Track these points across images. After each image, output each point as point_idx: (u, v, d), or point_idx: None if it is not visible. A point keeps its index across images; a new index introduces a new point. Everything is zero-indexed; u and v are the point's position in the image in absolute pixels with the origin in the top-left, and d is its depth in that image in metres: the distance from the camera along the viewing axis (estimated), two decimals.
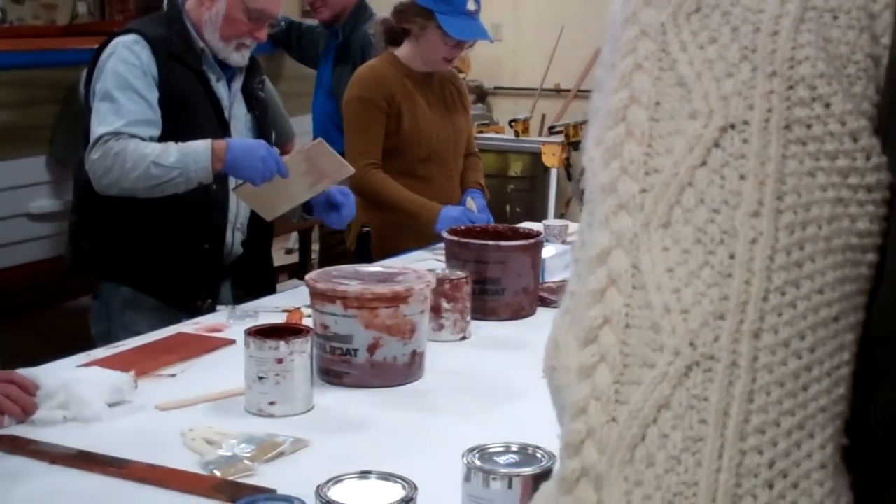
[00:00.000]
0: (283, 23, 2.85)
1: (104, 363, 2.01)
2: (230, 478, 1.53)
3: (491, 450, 1.34)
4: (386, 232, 3.20)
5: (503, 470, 1.28)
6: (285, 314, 2.41)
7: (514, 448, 1.35)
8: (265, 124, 2.91)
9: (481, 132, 6.31)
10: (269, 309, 2.47)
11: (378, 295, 1.94)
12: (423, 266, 2.85)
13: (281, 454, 1.63)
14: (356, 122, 3.19)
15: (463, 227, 2.57)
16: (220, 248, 2.78)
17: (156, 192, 2.56)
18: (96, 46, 2.66)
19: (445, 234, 2.48)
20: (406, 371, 1.99)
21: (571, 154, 6.38)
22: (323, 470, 1.34)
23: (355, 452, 1.67)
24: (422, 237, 3.09)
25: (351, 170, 2.80)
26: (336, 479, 1.26)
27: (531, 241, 2.42)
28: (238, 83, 2.81)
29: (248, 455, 1.61)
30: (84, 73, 3.56)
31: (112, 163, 2.52)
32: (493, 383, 2.02)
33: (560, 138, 6.23)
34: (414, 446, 1.71)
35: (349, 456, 1.65)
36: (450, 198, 3.23)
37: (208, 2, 2.71)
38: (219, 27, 2.70)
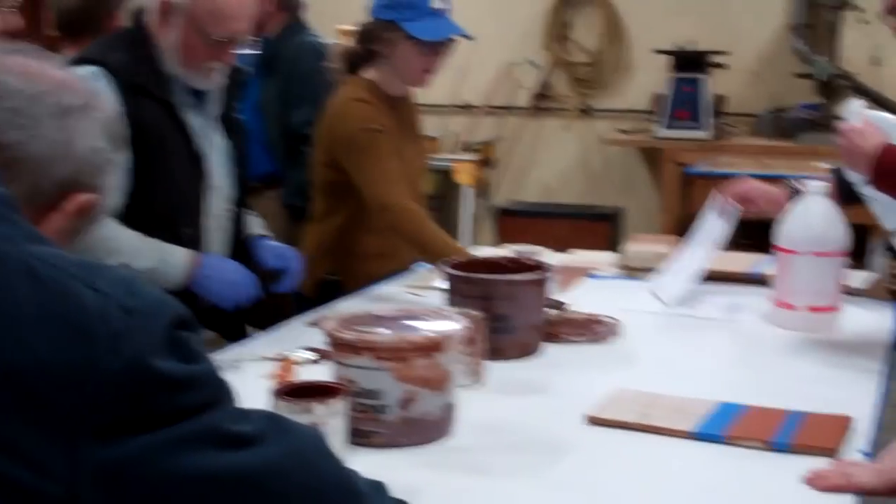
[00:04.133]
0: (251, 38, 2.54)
1: None
2: None
3: None
4: (362, 282, 2.90)
5: None
6: (270, 363, 2.19)
7: None
8: (243, 153, 2.63)
9: None
10: (251, 357, 2.24)
11: (415, 344, 1.75)
12: (398, 301, 2.68)
13: None
14: (373, 152, 2.84)
15: (461, 260, 2.39)
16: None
17: None
18: None
19: (447, 269, 2.29)
20: (440, 427, 1.80)
21: (485, 172, 6.25)
22: None
23: None
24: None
25: None
26: None
27: (542, 274, 2.26)
28: (214, 109, 2.54)
29: None
30: None
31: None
32: (531, 435, 1.84)
33: (474, 156, 6.10)
34: None
35: None
36: None
37: (165, 25, 2.40)
38: (179, 55, 2.41)
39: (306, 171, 3.51)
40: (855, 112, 2.29)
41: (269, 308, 2.63)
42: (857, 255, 4.33)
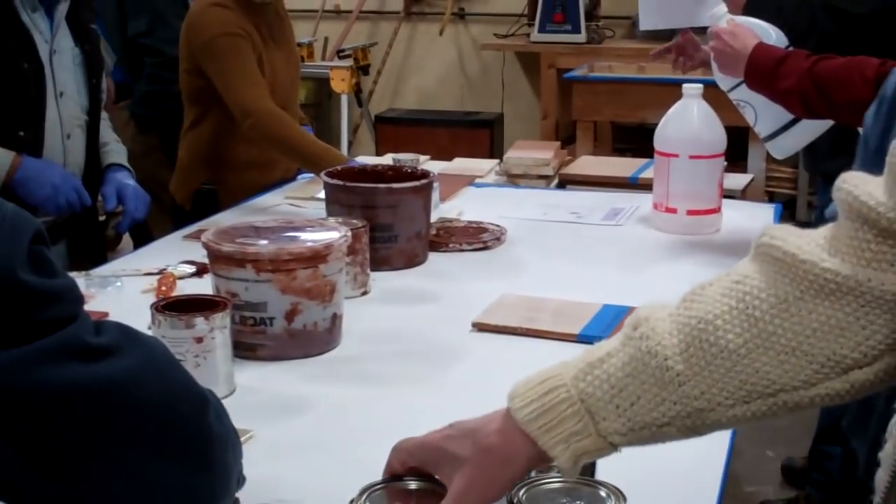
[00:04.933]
0: None
1: None
2: None
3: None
4: (238, 193, 2.83)
5: None
6: (149, 277, 2.13)
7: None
8: (96, 61, 2.52)
9: None
10: (130, 273, 2.18)
11: (295, 255, 1.71)
12: (277, 213, 2.63)
13: None
14: (233, 56, 2.72)
15: (340, 169, 2.34)
16: None
17: None
18: None
19: (325, 178, 2.24)
20: (327, 338, 1.77)
21: (361, 79, 6.15)
22: (294, 465, 1.24)
23: (314, 439, 1.47)
24: None
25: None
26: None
27: (424, 181, 2.23)
28: (62, 10, 2.40)
29: None
30: None
31: None
32: (419, 344, 1.84)
33: (349, 62, 5.99)
34: (373, 426, 1.51)
35: (307, 443, 1.45)
36: None
37: None
38: None
39: (149, 80, 3.46)
40: (720, 17, 2.29)
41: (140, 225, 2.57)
42: (737, 158, 4.41)
